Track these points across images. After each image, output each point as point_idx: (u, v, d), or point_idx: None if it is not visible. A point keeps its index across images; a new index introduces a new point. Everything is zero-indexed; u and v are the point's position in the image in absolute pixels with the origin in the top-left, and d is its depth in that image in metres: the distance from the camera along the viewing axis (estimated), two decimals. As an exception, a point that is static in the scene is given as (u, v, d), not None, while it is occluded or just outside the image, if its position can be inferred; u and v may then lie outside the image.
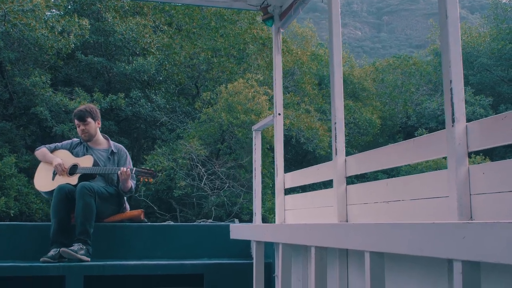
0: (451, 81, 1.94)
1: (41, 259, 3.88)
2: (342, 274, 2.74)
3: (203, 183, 17.70)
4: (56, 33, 16.20)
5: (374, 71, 29.39)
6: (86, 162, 4.52)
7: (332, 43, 2.89)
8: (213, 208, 17.88)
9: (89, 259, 4.01)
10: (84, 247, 4.02)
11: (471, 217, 1.88)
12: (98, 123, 4.77)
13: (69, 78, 19.66)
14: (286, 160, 21.97)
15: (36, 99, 16.68)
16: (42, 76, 16.48)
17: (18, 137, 17.45)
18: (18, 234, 4.26)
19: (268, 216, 18.23)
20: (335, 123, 2.88)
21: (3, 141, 16.63)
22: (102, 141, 4.80)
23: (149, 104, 19.52)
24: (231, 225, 4.07)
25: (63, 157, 4.61)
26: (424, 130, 24.26)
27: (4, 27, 15.73)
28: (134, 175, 4.51)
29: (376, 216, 2.54)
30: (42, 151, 4.74)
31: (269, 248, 3.86)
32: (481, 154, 21.14)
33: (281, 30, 4.04)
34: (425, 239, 1.64)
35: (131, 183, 4.51)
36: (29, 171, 17.34)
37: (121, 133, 20.05)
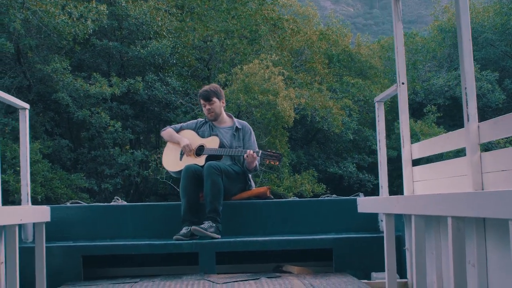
0: None
1: (174, 237, 4.03)
2: (480, 245, 2.61)
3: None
4: (74, 19, 16.22)
5: (380, 49, 29.45)
6: (212, 143, 4.62)
7: (458, 4, 2.71)
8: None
9: (219, 236, 4.11)
10: (214, 224, 4.14)
11: None
12: (223, 102, 4.85)
13: (83, 63, 19.72)
14: (296, 139, 22.10)
15: (57, 85, 16.77)
16: (62, 62, 16.56)
17: (38, 123, 17.57)
18: (151, 214, 4.39)
19: (287, 194, 18.54)
20: (465, 88, 2.64)
21: (26, 127, 16.74)
22: (226, 119, 4.89)
23: (164, 87, 19.63)
24: (358, 199, 4.01)
25: (190, 137, 4.72)
26: (432, 106, 24.51)
27: (24, 14, 15.74)
28: (259, 157, 4.56)
29: None
30: (168, 131, 4.86)
31: (397, 220, 3.75)
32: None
33: None
34: None
35: (256, 163, 4.58)
36: (52, 157, 17.52)
37: (136, 117, 20.20)
